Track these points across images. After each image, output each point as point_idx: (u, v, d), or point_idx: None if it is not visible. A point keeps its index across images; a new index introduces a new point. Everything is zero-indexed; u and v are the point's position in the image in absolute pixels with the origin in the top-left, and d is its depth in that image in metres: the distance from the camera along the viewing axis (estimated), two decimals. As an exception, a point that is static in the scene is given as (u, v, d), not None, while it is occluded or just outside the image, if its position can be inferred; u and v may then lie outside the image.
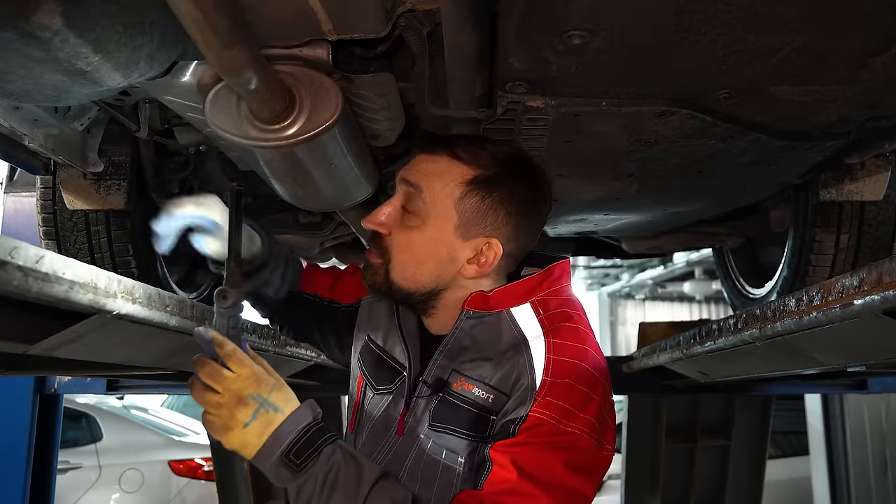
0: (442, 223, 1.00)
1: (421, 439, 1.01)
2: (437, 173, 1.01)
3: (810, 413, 4.61)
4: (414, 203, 1.01)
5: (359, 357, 1.17)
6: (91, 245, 1.93)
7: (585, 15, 0.94)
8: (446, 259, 1.02)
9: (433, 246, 1.01)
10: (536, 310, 1.03)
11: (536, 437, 0.91)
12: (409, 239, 1.02)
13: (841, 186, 1.97)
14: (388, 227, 1.03)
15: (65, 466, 4.59)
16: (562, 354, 0.97)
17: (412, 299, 1.05)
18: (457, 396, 1.00)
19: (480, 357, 1.01)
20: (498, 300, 1.03)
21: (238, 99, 1.14)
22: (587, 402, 0.94)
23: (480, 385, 0.98)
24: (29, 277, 0.81)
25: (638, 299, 13.02)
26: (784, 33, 0.99)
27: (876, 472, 4.45)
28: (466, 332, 1.03)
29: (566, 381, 0.94)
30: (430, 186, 1.01)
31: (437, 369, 1.03)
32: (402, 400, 1.05)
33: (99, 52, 0.95)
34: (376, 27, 1.12)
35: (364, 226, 1.05)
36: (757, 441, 3.49)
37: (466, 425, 0.97)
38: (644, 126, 1.32)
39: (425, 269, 1.02)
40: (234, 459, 3.67)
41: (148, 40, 1.00)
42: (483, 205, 1.01)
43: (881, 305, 0.93)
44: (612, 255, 3.19)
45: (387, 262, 1.03)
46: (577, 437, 0.91)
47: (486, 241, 1.01)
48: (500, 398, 0.96)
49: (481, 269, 1.02)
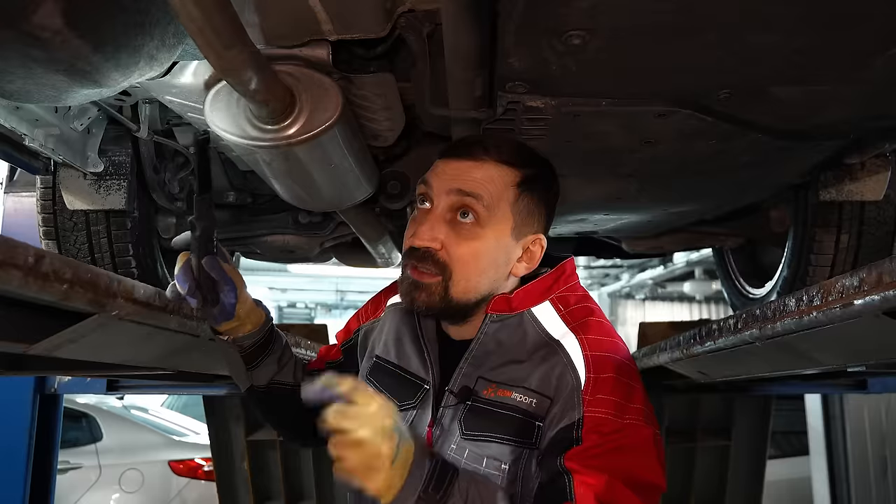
0: (501, 228, 0.99)
1: (453, 449, 0.98)
2: (490, 179, 0.99)
3: (810, 413, 4.61)
4: (473, 212, 0.98)
5: (367, 377, 1.14)
6: (91, 245, 1.94)
7: (585, 15, 0.94)
8: (503, 263, 1.01)
9: (494, 253, 1.00)
10: (557, 307, 1.03)
11: (606, 440, 0.90)
12: (471, 250, 0.98)
13: (841, 186, 1.97)
14: (442, 241, 0.98)
15: (65, 466, 4.59)
16: (597, 349, 0.97)
17: (465, 310, 1.02)
18: (491, 403, 0.98)
19: (508, 360, 1.00)
20: (519, 301, 1.02)
21: (238, 99, 1.14)
22: (632, 391, 0.95)
23: (520, 390, 0.97)
24: (29, 277, 0.81)
25: (638, 299, 13.01)
26: (784, 33, 0.99)
27: (876, 472, 4.45)
28: (491, 336, 1.02)
29: (610, 376, 0.94)
30: (489, 193, 0.98)
31: (463, 377, 1.01)
32: (427, 412, 1.03)
33: (99, 52, 0.95)
34: (376, 27, 1.12)
35: (415, 244, 0.99)
36: (757, 441, 3.48)
37: (511, 432, 0.95)
38: (644, 126, 1.32)
39: (486, 277, 1.01)
40: (234, 459, 3.67)
41: (148, 40, 1.00)
42: (532, 203, 1.01)
43: (881, 305, 0.93)
44: (612, 255, 3.19)
45: (447, 278, 0.98)
46: (637, 427, 0.92)
47: (534, 237, 1.02)
48: (543, 402, 0.95)
49: (530, 265, 1.03)
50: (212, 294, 1.08)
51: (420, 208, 1.03)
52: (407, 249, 1.01)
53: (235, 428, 3.63)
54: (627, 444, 0.91)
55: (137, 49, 1.02)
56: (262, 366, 1.16)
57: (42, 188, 1.94)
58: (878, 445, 4.49)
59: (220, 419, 3.65)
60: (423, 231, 0.99)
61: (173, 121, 1.76)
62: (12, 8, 0.82)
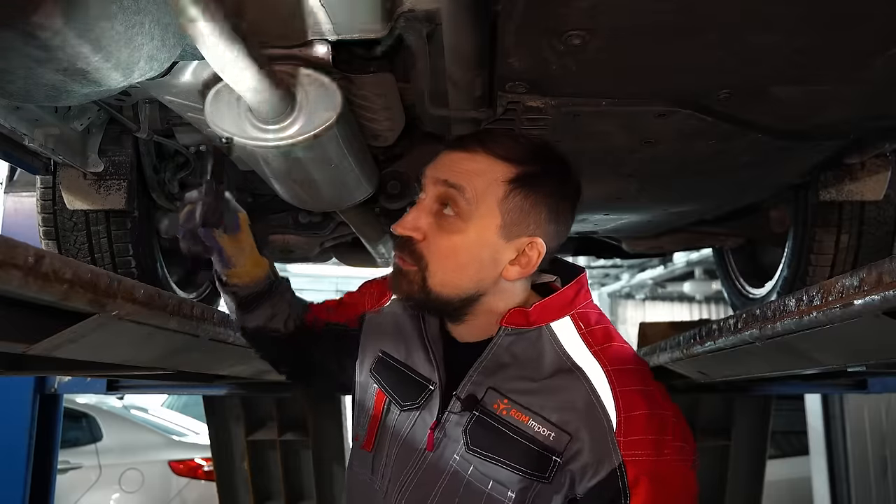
0: (486, 224, 0.95)
1: (457, 460, 0.96)
2: (478, 172, 0.95)
3: (810, 413, 4.61)
4: (455, 205, 0.95)
5: (371, 372, 1.12)
6: (91, 245, 1.94)
7: (585, 15, 0.94)
8: (489, 262, 0.97)
9: (476, 249, 0.96)
10: (577, 324, 0.98)
11: (656, 487, 0.87)
12: (450, 243, 0.95)
13: (841, 186, 1.97)
14: (424, 231, 0.96)
15: (65, 466, 4.59)
16: (627, 384, 0.92)
17: (449, 306, 0.99)
18: (502, 422, 0.94)
19: (522, 376, 0.96)
20: (538, 316, 0.98)
21: (238, 99, 1.14)
22: (664, 422, 0.90)
23: (539, 419, 0.92)
24: (29, 277, 0.81)
25: (638, 299, 13.01)
26: (784, 33, 0.99)
27: (876, 472, 4.45)
28: (505, 348, 0.98)
29: (643, 413, 0.89)
30: (473, 186, 0.94)
31: (472, 385, 0.98)
32: (430, 414, 1.01)
33: (99, 52, 0.95)
34: (376, 27, 1.12)
35: (396, 231, 0.97)
36: (757, 441, 3.48)
37: (524, 462, 0.91)
38: (644, 126, 1.32)
39: (467, 273, 0.96)
40: (234, 459, 3.67)
41: (148, 40, 1.00)
42: (526, 203, 0.95)
43: (881, 305, 0.93)
44: (612, 255, 3.19)
45: (423, 269, 0.96)
46: (678, 465, 0.89)
47: (529, 240, 0.97)
48: (562, 437, 0.90)
49: (524, 270, 0.97)
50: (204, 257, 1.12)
51: (418, 198, 1.01)
52: (394, 238, 1.01)
53: (235, 428, 3.64)
54: (673, 486, 0.88)
55: (137, 49, 1.02)
56: (254, 313, 1.20)
57: (42, 188, 1.94)
58: (878, 445, 4.49)
59: (220, 419, 3.65)
60: (406, 220, 0.97)
61: (173, 121, 1.76)
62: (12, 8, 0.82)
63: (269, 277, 1.19)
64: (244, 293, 1.17)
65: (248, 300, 1.18)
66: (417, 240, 0.97)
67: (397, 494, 0.99)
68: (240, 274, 1.15)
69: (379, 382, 1.09)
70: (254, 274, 1.16)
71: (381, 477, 1.03)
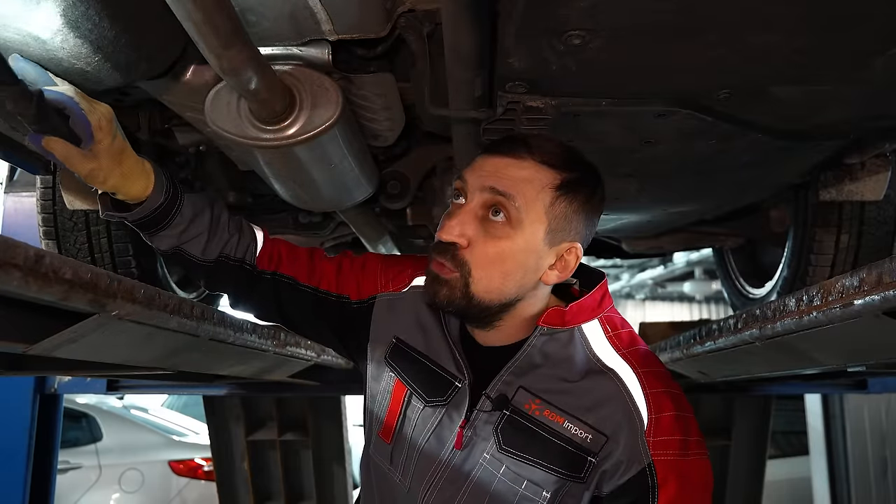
0: (533, 231, 0.95)
1: (487, 458, 0.97)
2: (527, 179, 0.95)
3: (810, 413, 4.61)
4: (505, 212, 0.95)
5: (386, 359, 1.10)
6: (91, 245, 1.94)
7: (585, 15, 0.93)
8: (532, 268, 0.97)
9: (523, 256, 0.96)
10: (605, 327, 1.00)
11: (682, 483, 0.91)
12: (497, 249, 0.95)
13: (841, 186, 1.96)
14: (470, 237, 0.95)
15: (65, 466, 4.59)
16: (655, 386, 0.95)
17: (488, 312, 0.99)
18: (535, 423, 0.95)
19: (555, 376, 0.97)
20: (573, 316, 0.99)
21: (238, 99, 1.14)
22: (688, 423, 0.94)
23: (574, 421, 0.94)
24: (29, 277, 0.81)
25: (638, 299, 13.01)
26: (784, 33, 0.99)
27: (876, 472, 4.45)
28: (538, 348, 0.98)
29: (671, 414, 0.93)
30: (523, 194, 0.94)
31: (503, 385, 0.98)
32: (459, 412, 1.00)
33: (99, 52, 0.95)
34: (376, 27, 1.12)
35: (442, 238, 0.96)
36: (757, 441, 3.49)
37: (560, 463, 0.93)
38: (644, 126, 1.32)
39: (512, 279, 0.96)
40: (235, 459, 3.68)
41: (148, 40, 1.00)
42: (570, 209, 0.97)
43: (881, 305, 0.93)
44: (612, 255, 3.19)
45: (466, 275, 0.95)
46: (699, 463, 0.93)
47: (569, 245, 0.98)
48: (598, 438, 0.93)
49: (562, 274, 0.99)
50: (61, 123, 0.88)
51: (454, 203, 0.99)
52: (434, 243, 0.99)
53: (235, 428, 3.64)
54: (695, 483, 0.92)
55: (137, 49, 1.02)
56: (157, 236, 1.05)
57: (42, 188, 1.94)
58: (878, 445, 4.49)
59: (220, 419, 3.65)
60: (451, 225, 0.96)
61: (173, 121, 1.76)
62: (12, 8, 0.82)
63: (162, 194, 1.01)
64: (134, 217, 1.01)
65: (142, 223, 1.02)
66: (462, 246, 0.96)
67: (425, 492, 0.99)
68: (123, 192, 0.98)
69: (397, 372, 1.08)
70: (131, 192, 0.98)
71: (403, 472, 1.03)
